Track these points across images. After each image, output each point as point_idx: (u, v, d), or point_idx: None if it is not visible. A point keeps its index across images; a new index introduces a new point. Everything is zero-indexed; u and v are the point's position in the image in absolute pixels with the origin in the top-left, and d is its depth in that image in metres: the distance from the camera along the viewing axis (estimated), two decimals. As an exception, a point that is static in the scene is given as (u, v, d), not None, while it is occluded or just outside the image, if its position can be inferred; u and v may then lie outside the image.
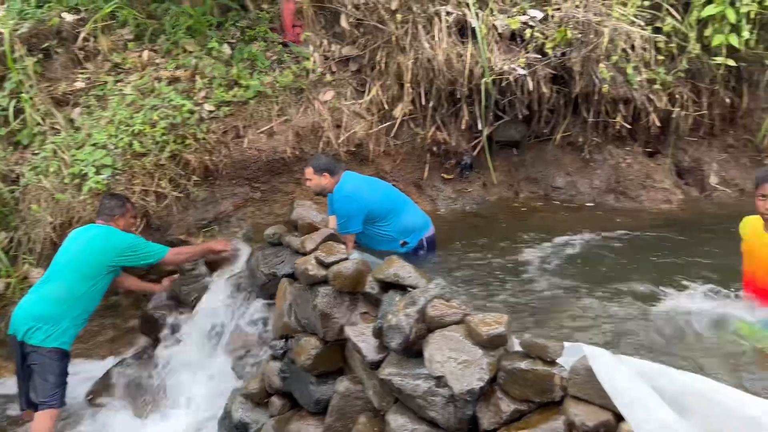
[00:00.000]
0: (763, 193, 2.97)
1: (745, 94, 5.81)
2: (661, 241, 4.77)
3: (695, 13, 5.18)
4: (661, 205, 5.48)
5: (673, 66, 5.41)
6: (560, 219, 5.31)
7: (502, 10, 5.10)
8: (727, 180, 5.87)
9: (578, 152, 5.75)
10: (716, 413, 1.78)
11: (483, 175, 5.80)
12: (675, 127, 5.69)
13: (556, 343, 2.25)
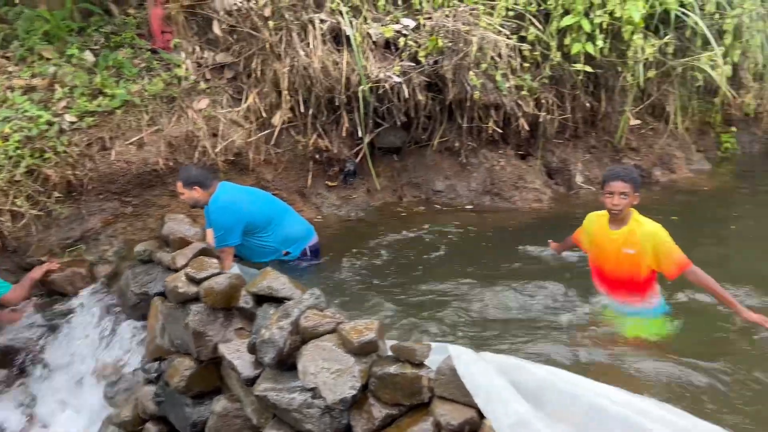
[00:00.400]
0: (609, 190, 3.18)
1: (603, 99, 6.28)
2: (533, 238, 5.05)
3: (555, 23, 5.53)
4: (533, 204, 5.79)
5: (538, 73, 5.75)
6: (442, 221, 5.46)
7: (376, 19, 5.18)
8: (590, 178, 6.31)
9: (456, 157, 5.95)
10: (566, 402, 1.88)
11: (367, 182, 5.85)
12: (543, 130, 6.03)
13: (424, 345, 2.30)
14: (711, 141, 7.74)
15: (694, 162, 7.11)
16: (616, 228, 3.26)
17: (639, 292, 3.33)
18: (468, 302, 3.64)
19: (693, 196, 6.14)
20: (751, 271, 4.06)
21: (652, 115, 7.01)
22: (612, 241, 3.27)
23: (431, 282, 4.00)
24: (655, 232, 3.19)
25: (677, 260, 3.16)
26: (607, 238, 3.30)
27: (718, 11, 6.13)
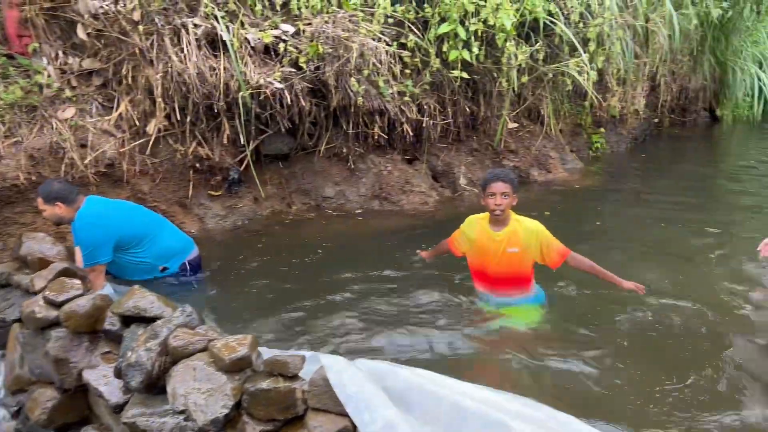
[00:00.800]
0: (491, 191, 3.29)
1: (482, 104, 6.54)
2: (420, 240, 5.15)
3: (433, 30, 5.68)
4: (420, 207, 5.92)
5: (420, 79, 5.88)
6: (332, 228, 5.45)
7: (254, 24, 5.08)
8: (473, 180, 6.55)
9: (344, 162, 5.96)
10: (431, 403, 1.92)
11: (253, 190, 5.72)
12: (427, 135, 6.19)
13: (297, 357, 2.26)
14: (583, 142, 8.30)
15: (568, 162, 7.58)
16: (498, 229, 3.37)
17: (521, 286, 3.52)
18: (352, 309, 3.64)
19: (567, 194, 6.54)
20: (609, 263, 4.38)
21: (529, 119, 7.40)
22: (496, 242, 3.38)
23: (317, 290, 3.97)
24: (537, 229, 3.38)
25: (559, 250, 3.39)
26: (491, 240, 3.39)
27: (582, 20, 6.56)
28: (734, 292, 3.89)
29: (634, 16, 7.74)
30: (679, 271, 4.32)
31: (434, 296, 3.76)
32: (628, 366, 3.02)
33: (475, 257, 3.55)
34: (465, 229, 3.56)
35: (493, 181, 3.29)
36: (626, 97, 8.37)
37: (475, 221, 3.52)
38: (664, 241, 5.01)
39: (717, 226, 5.33)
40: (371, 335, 3.30)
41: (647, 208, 6.20)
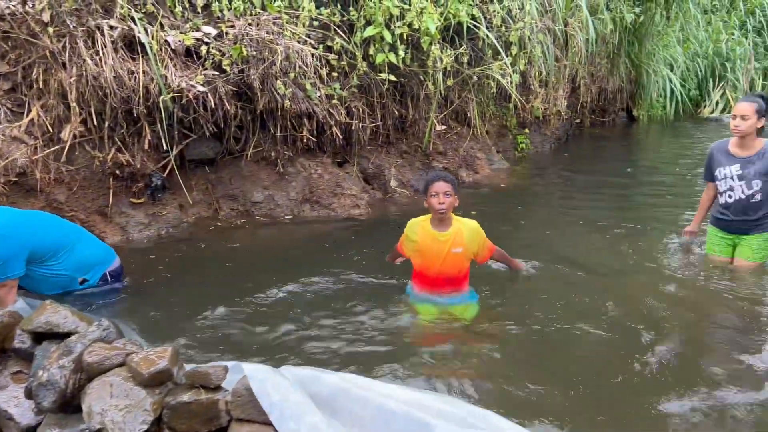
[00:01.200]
0: (434, 191, 3.33)
1: (410, 106, 6.61)
2: (352, 244, 5.16)
3: (359, 33, 5.70)
4: (351, 210, 5.92)
5: (347, 82, 5.89)
6: (261, 233, 5.37)
7: (174, 26, 4.94)
8: (404, 182, 6.62)
9: (273, 166, 5.89)
10: (357, 407, 1.92)
11: (179, 196, 5.56)
12: (357, 138, 6.20)
13: (219, 368, 2.21)
14: (508, 142, 8.55)
15: (495, 162, 7.79)
16: (443, 230, 3.42)
17: (460, 285, 3.60)
18: (281, 317, 3.59)
19: (493, 194, 6.71)
20: (533, 259, 4.55)
21: (456, 121, 7.55)
22: (441, 243, 3.42)
23: (244, 298, 3.89)
24: (478, 228, 3.50)
25: (489, 246, 3.57)
26: (436, 241, 3.43)
27: (504, 24, 6.76)
28: (655, 285, 4.10)
29: (553, 20, 8.04)
30: (599, 264, 4.51)
31: (366, 300, 3.77)
32: (554, 361, 3.13)
33: (419, 259, 3.56)
34: (408, 233, 3.54)
35: (435, 182, 3.34)
36: (549, 99, 8.68)
37: (416, 224, 3.52)
38: (585, 237, 5.22)
39: (636, 221, 5.60)
40: (299, 342, 3.27)
41: (569, 205, 6.46)
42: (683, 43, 12.01)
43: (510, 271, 4.05)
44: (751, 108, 3.83)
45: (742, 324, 3.54)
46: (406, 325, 3.51)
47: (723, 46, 12.24)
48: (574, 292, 4.01)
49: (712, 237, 4.25)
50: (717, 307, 3.78)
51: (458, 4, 6.24)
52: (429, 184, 3.37)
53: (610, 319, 3.58)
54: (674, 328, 3.45)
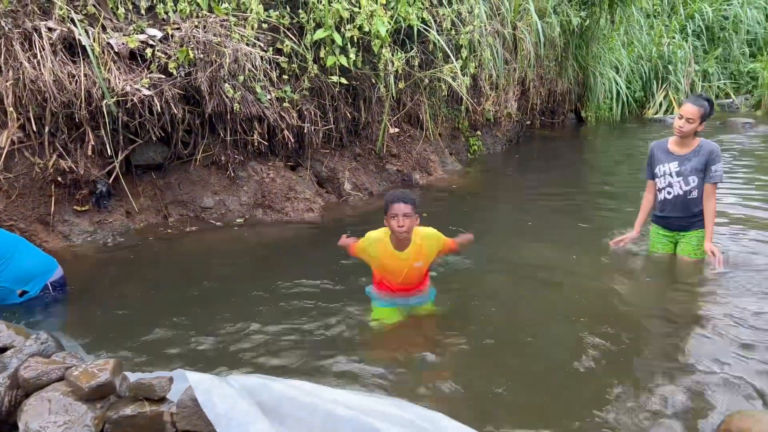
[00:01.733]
0: (393, 213, 3.24)
1: (363, 109, 6.61)
2: (306, 248, 5.12)
3: (309, 36, 5.66)
4: (305, 214, 5.87)
5: (299, 85, 5.84)
6: (212, 239, 5.27)
7: (117, 28, 4.80)
8: (358, 185, 6.61)
9: (223, 171, 5.79)
10: (305, 414, 1.89)
11: (125, 203, 5.41)
12: (309, 141, 6.16)
13: (163, 379, 2.15)
14: (461, 144, 8.64)
15: (448, 164, 7.86)
16: (402, 249, 3.35)
17: (422, 288, 3.61)
18: (231, 323, 3.52)
19: (446, 195, 6.76)
20: (483, 257, 4.61)
21: (409, 123, 7.59)
22: (402, 261, 3.36)
23: (192, 306, 3.81)
24: (435, 235, 3.44)
25: (450, 244, 3.53)
26: (396, 259, 3.37)
27: (454, 28, 6.83)
28: (602, 283, 4.20)
29: (502, 24, 8.17)
30: (549, 264, 4.59)
31: (320, 305, 3.74)
32: (506, 361, 3.16)
33: (379, 270, 3.52)
34: (366, 247, 3.44)
35: (395, 203, 3.25)
36: (499, 101, 8.81)
37: (376, 241, 3.40)
38: (535, 236, 5.31)
39: (585, 220, 5.75)
40: (249, 349, 3.22)
41: (520, 205, 6.58)
42: (628, 46, 12.40)
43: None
44: (698, 112, 3.95)
45: (686, 319, 3.66)
46: (359, 329, 3.50)
47: (665, 49, 12.68)
48: (524, 291, 4.08)
49: (655, 235, 4.38)
50: (662, 302, 3.90)
51: (408, 7, 6.27)
52: (389, 204, 3.28)
53: (560, 318, 3.65)
54: (620, 325, 3.54)
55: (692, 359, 3.13)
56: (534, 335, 3.43)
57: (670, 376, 2.94)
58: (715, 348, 3.22)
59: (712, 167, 4.01)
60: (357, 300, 3.76)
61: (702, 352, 3.20)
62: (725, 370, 2.97)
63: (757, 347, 3.20)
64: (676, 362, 3.10)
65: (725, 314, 3.65)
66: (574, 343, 3.31)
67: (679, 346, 3.30)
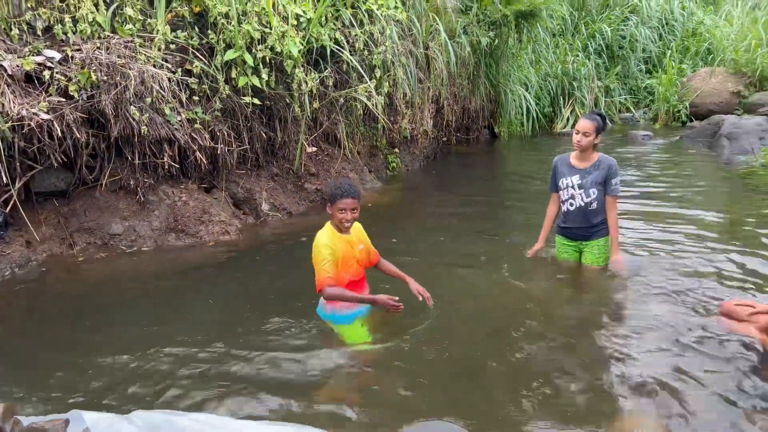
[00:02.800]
0: (341, 207, 3.42)
1: (278, 129, 6.57)
2: (222, 272, 5.00)
3: (219, 57, 5.59)
4: (221, 237, 5.74)
5: (210, 106, 5.74)
6: (121, 268, 5.05)
7: (11, 50, 4.56)
8: (276, 205, 6.54)
9: (133, 195, 5.59)
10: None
11: (25, 233, 5.11)
12: (223, 162, 6.05)
13: (57, 422, 2.04)
14: (380, 162, 8.74)
15: (367, 182, 7.93)
16: (347, 234, 3.58)
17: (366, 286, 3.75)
18: (139, 357, 3.38)
19: (365, 213, 6.79)
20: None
21: (327, 142, 7.61)
22: (351, 243, 3.58)
23: (96, 341, 3.64)
24: (360, 227, 3.74)
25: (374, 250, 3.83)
26: (348, 243, 3.56)
27: (366, 48, 6.93)
28: (515, 292, 4.36)
29: (414, 44, 8.37)
30: (465, 279, 4.72)
31: (234, 330, 3.67)
32: (423, 376, 3.21)
33: (341, 270, 3.52)
34: (331, 245, 3.46)
35: (344, 198, 3.43)
36: (415, 119, 9.01)
37: (327, 236, 3.50)
38: (451, 250, 5.44)
39: (500, 234, 5.95)
40: (156, 383, 3.09)
41: (437, 221, 6.72)
42: (535, 64, 12.99)
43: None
44: (593, 126, 4.21)
45: (592, 321, 3.85)
46: (276, 355, 3.45)
47: (570, 66, 13.38)
48: (441, 305, 4.16)
49: (560, 245, 4.61)
50: (568, 307, 4.09)
51: (320, 28, 6.32)
52: (338, 197, 3.44)
53: (471, 329, 3.75)
54: (530, 330, 3.69)
55: (588, 363, 3.30)
56: (448, 349, 3.51)
57: (565, 377, 3.09)
58: (613, 351, 3.41)
59: (612, 180, 4.27)
60: (275, 325, 3.71)
61: (599, 357, 3.38)
62: (618, 372, 3.15)
63: (651, 350, 3.41)
64: (572, 366, 3.26)
65: (625, 317, 3.87)
66: (488, 352, 3.41)
67: (576, 350, 3.48)
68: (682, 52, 14.93)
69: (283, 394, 2.92)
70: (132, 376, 3.19)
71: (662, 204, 6.75)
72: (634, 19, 15.05)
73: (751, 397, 2.90)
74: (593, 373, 3.18)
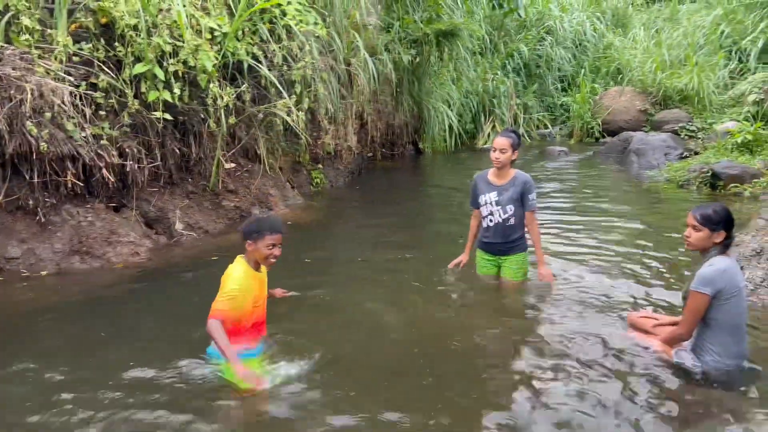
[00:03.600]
0: (270, 243, 3.26)
1: (193, 145, 6.34)
2: (128, 295, 4.73)
3: (128, 70, 5.34)
4: (130, 259, 5.46)
5: (118, 121, 5.47)
6: (17, 295, 4.69)
7: None
8: (191, 224, 6.30)
9: (32, 216, 5.22)
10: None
11: None
12: (133, 179, 5.77)
13: None
14: (303, 178, 8.63)
15: (290, 198, 7.79)
16: (258, 269, 3.40)
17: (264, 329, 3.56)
18: (30, 396, 3.12)
19: (288, 230, 6.65)
20: (323, 292, 4.59)
21: (247, 158, 7.43)
22: (262, 283, 3.44)
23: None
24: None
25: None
26: (260, 283, 3.40)
27: (285, 63, 6.84)
28: (435, 306, 4.36)
29: (336, 60, 8.35)
30: (387, 294, 4.68)
31: (143, 358, 3.45)
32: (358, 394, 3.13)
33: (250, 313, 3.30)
34: (242, 287, 3.22)
35: (273, 233, 3.28)
36: (339, 135, 8.97)
37: (243, 273, 3.26)
38: (372, 268, 5.41)
39: (423, 249, 5.98)
40: (41, 422, 2.86)
41: (360, 236, 6.69)
42: (457, 81, 13.29)
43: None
44: (508, 142, 4.31)
45: (508, 336, 3.89)
46: (186, 388, 3.26)
47: (490, 84, 13.78)
48: (361, 321, 4.12)
49: (480, 260, 4.67)
50: (487, 321, 4.13)
51: (237, 42, 6.18)
52: (267, 232, 3.26)
53: (397, 341, 3.73)
54: (449, 344, 3.69)
55: (494, 376, 3.33)
56: (367, 364, 3.44)
57: (468, 394, 3.10)
58: (524, 368, 3.45)
59: (528, 196, 4.37)
60: (187, 352, 3.51)
61: (506, 371, 3.42)
62: (528, 395, 3.18)
63: (559, 362, 3.48)
64: (475, 381, 3.27)
65: (538, 331, 3.94)
66: (407, 367, 3.38)
67: (491, 363, 3.51)
68: (595, 72, 15.69)
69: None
70: (15, 415, 2.93)
71: (576, 216, 7.00)
72: (549, 40, 15.72)
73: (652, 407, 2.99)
74: (498, 389, 3.20)
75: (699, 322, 3.24)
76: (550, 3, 16.49)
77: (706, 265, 3.18)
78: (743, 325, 3.25)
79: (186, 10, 5.60)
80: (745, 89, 10.93)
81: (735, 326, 3.20)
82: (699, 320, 3.22)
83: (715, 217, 3.16)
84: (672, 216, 6.90)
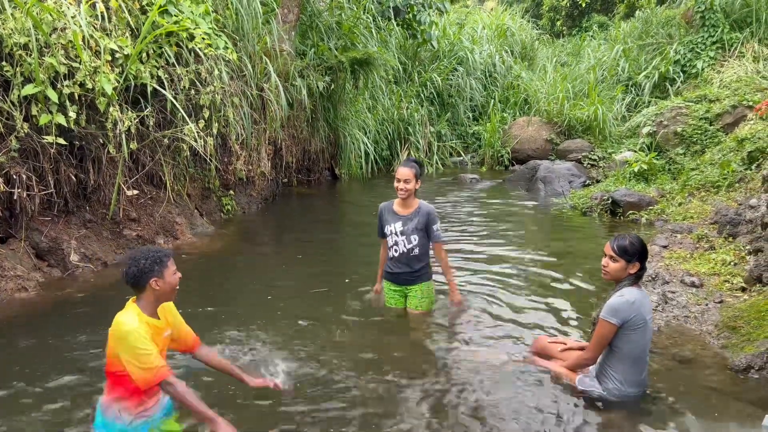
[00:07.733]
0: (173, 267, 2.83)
1: (92, 171, 5.97)
2: (11, 337, 4.33)
3: (16, 91, 4.98)
4: (16, 295, 5.03)
5: (5, 146, 5.07)
6: None
7: None
8: (88, 255, 5.90)
9: None
10: None
11: None
12: (23, 208, 5.35)
13: None
14: (213, 205, 8.34)
15: (198, 226, 7.50)
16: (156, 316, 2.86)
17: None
18: None
19: (194, 260, 6.39)
20: (231, 329, 4.41)
21: (152, 184, 7.09)
22: (159, 331, 2.85)
23: None
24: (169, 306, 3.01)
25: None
26: (159, 330, 2.84)
27: (193, 87, 6.63)
28: (345, 336, 4.27)
29: (247, 85, 8.20)
30: (302, 328, 4.55)
31: (33, 413, 3.13)
32: None
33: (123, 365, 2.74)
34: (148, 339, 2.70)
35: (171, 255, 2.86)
36: (251, 161, 8.76)
37: (137, 324, 2.70)
38: (286, 300, 5.26)
39: (337, 276, 5.89)
40: None
41: (272, 266, 6.51)
42: (373, 109, 13.41)
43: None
44: (412, 173, 4.33)
45: (416, 365, 3.86)
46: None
47: (405, 112, 14.01)
48: (278, 357, 3.97)
49: (387, 291, 4.64)
50: (392, 354, 4.09)
51: (140, 65, 5.93)
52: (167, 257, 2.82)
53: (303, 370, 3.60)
54: (361, 373, 3.61)
55: (389, 410, 3.29)
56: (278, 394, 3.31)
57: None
58: (427, 398, 3.43)
59: (433, 227, 4.40)
60: (83, 396, 3.23)
61: (406, 404, 3.38)
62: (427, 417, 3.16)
63: (464, 390, 3.48)
64: (374, 413, 3.22)
65: (443, 361, 3.95)
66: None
67: (393, 396, 3.46)
68: (504, 102, 16.32)
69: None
70: None
71: (484, 244, 7.15)
72: (461, 70, 16.22)
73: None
74: (396, 419, 3.16)
75: (605, 349, 3.34)
76: (461, 35, 17.08)
77: (616, 295, 3.28)
78: (646, 356, 3.36)
79: (84, 30, 5.31)
80: (640, 121, 11.68)
81: (638, 357, 3.30)
82: (605, 347, 3.32)
83: (631, 249, 3.26)
84: (578, 242, 7.20)
